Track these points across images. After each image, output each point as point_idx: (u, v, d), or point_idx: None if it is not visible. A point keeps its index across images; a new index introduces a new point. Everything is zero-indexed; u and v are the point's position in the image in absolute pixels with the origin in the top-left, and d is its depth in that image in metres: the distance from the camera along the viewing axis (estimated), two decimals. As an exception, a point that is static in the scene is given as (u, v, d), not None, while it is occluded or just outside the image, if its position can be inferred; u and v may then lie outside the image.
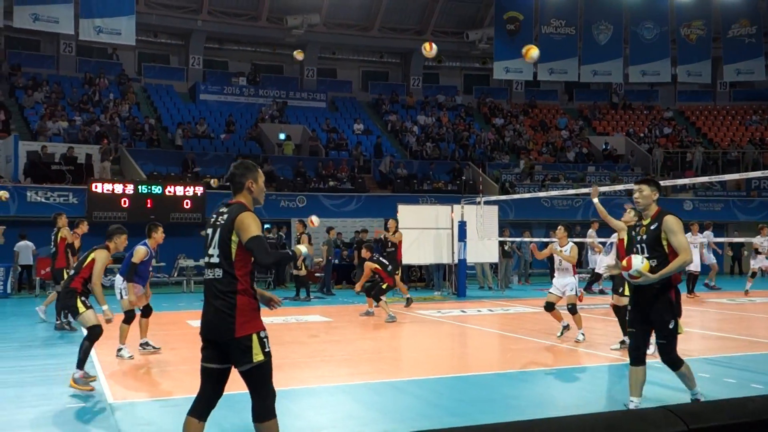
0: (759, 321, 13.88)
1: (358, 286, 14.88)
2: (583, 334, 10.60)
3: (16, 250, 18.82)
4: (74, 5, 24.90)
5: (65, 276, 12.31)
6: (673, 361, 6.16)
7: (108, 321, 7.84)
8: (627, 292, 9.47)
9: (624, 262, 6.04)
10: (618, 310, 9.75)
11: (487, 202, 19.29)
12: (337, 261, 20.42)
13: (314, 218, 14.40)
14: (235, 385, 4.80)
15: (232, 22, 30.69)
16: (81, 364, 7.62)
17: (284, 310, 15.44)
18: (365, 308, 14.46)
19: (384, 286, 14.08)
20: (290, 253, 4.81)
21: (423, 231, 18.64)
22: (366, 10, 32.06)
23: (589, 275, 19.90)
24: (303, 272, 17.60)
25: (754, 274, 18.91)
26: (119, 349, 9.59)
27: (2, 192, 13.48)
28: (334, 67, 34.14)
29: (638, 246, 6.14)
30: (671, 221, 5.97)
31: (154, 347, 10.08)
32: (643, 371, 6.14)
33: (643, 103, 35.39)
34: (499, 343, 11.16)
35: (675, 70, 31.87)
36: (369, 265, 14.33)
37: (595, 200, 10.27)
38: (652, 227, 6.05)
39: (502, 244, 20.29)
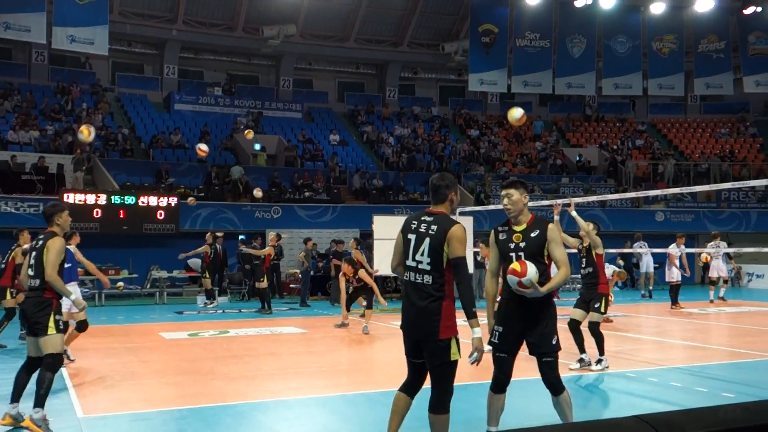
0: (729, 330, 14.04)
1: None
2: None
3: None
4: (47, 14, 24.65)
5: (8, 296, 12.09)
6: (557, 382, 5.43)
7: (82, 309, 7.59)
8: (603, 309, 9.40)
9: (517, 266, 5.20)
10: (594, 327, 9.33)
11: (462, 213, 19.34)
12: (312, 272, 20.35)
13: (202, 146, 13.95)
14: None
15: (207, 32, 30.57)
16: (42, 401, 6.40)
17: (258, 322, 15.33)
18: (349, 320, 14.25)
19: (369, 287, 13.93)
20: (473, 310, 4.86)
21: (398, 242, 18.60)
22: (342, 22, 32.13)
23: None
24: (264, 284, 17.42)
25: (714, 282, 19.25)
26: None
27: None
28: (310, 78, 34.13)
29: (513, 254, 5.39)
30: (555, 231, 5.44)
31: (69, 358, 9.80)
32: (503, 398, 5.54)
33: (615, 115, 35.80)
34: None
35: (646, 84, 32.29)
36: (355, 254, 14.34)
37: (573, 213, 10.05)
38: (532, 234, 5.39)
39: (475, 254, 20.33)
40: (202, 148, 13.82)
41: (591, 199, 18.46)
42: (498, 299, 5.64)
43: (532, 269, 5.18)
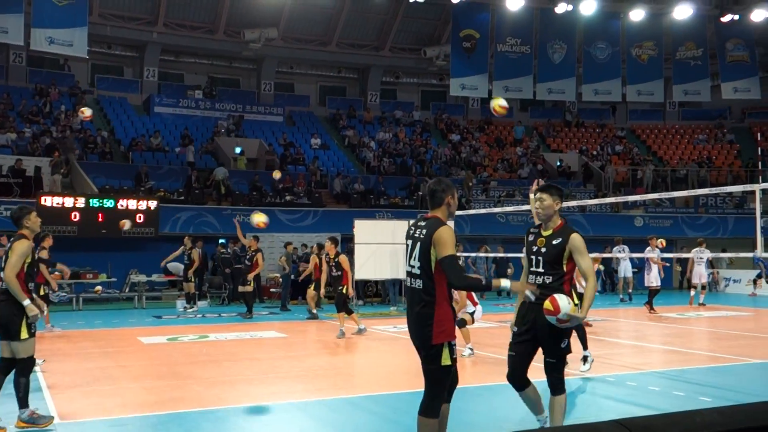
0: (706, 335, 14.17)
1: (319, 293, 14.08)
2: (471, 349, 10.83)
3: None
4: (25, 15, 24.41)
5: None
6: (559, 383, 5.55)
7: (32, 320, 6.59)
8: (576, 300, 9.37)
9: (549, 305, 5.24)
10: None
11: (443, 218, 19.35)
12: (293, 276, 20.30)
13: (86, 110, 13.40)
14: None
15: (188, 35, 30.43)
16: (24, 402, 6.56)
17: (238, 326, 15.26)
18: (338, 327, 13.86)
19: (343, 290, 13.53)
20: (484, 282, 5.01)
21: (379, 246, 18.64)
22: (324, 26, 32.12)
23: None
24: (249, 288, 17.32)
25: (695, 287, 19.48)
26: None
27: None
28: (292, 82, 34.07)
29: (533, 257, 5.53)
30: (579, 240, 5.44)
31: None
32: (533, 388, 5.71)
33: (595, 121, 36.09)
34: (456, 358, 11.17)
35: (625, 90, 32.58)
36: (344, 258, 13.66)
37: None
38: (554, 241, 5.45)
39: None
40: (85, 111, 13.21)
41: (571, 204, 18.54)
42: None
43: (563, 302, 5.23)
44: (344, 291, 13.53)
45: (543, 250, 5.47)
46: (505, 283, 5.08)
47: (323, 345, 12.66)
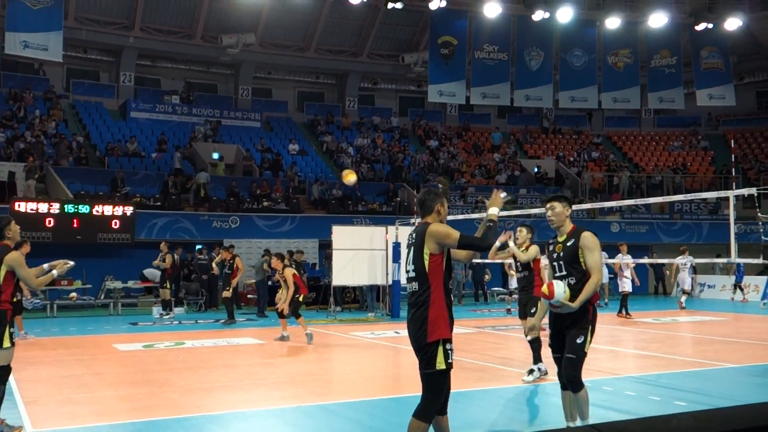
0: (682, 340, 14.30)
1: (284, 306, 13.37)
2: None
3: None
4: (-1, 19, 24.18)
5: None
6: (575, 379, 5.82)
7: (64, 265, 7.00)
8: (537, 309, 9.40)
9: (545, 290, 5.81)
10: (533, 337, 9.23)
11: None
12: (270, 283, 20.20)
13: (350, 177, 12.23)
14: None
15: (165, 40, 30.24)
16: None
17: (215, 333, 15.15)
18: (280, 332, 13.81)
19: (300, 298, 13.41)
20: (490, 223, 5.01)
21: (357, 252, 18.63)
22: (302, 31, 32.08)
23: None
24: (229, 293, 17.17)
25: (687, 292, 19.88)
26: None
27: None
28: (270, 87, 33.99)
29: (555, 264, 5.98)
30: (588, 238, 5.83)
31: None
32: (585, 392, 5.98)
33: (572, 127, 36.38)
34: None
35: (601, 97, 32.86)
36: (290, 272, 13.38)
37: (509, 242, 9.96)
38: (568, 244, 5.88)
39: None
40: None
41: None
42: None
43: (559, 289, 5.73)
44: (300, 299, 13.47)
45: (561, 254, 5.94)
46: (492, 210, 5.12)
47: (300, 351, 12.61)
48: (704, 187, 30.38)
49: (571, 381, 5.84)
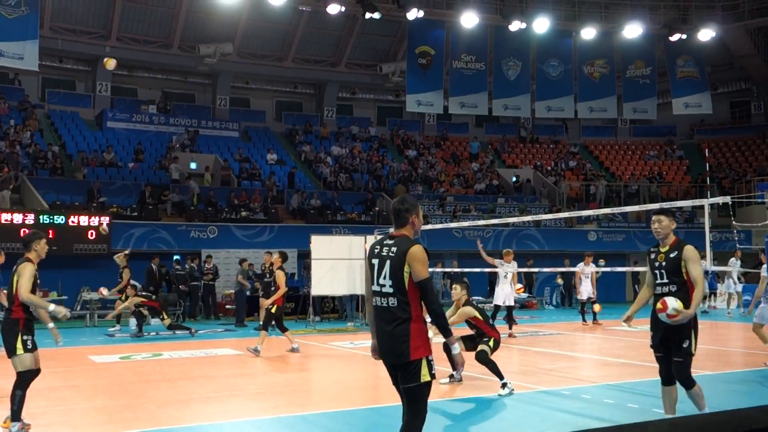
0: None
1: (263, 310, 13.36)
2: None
3: None
4: (-27, 27, 23.88)
5: None
6: (686, 380, 6.44)
7: (64, 317, 7.51)
8: (492, 344, 9.44)
9: (660, 305, 6.36)
10: (485, 356, 9.33)
11: (399, 233, 19.39)
12: (249, 293, 20.10)
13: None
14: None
15: (142, 49, 30.08)
16: (17, 415, 6.99)
17: (193, 344, 15.02)
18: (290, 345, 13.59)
19: (273, 309, 13.11)
20: (447, 329, 5.01)
21: (336, 262, 18.60)
22: (280, 41, 32.07)
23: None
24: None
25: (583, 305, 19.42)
26: None
27: None
28: (248, 97, 33.91)
29: (656, 272, 6.57)
30: (691, 251, 6.40)
31: None
32: (675, 390, 6.61)
33: (549, 137, 36.66)
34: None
35: (577, 106, 33.17)
36: (281, 274, 13.20)
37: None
38: (671, 255, 6.47)
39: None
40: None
41: (525, 219, 18.74)
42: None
43: (671, 302, 6.27)
44: (273, 310, 13.16)
45: (663, 263, 6.52)
46: (456, 349, 5.26)
47: (279, 362, 12.54)
48: (680, 195, 30.72)
49: (683, 381, 6.46)
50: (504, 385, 9.28)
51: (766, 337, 11.45)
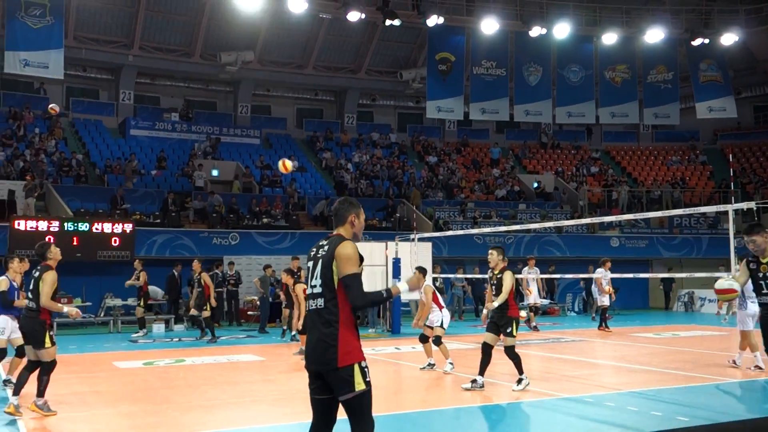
0: (682, 354, 14.25)
1: (299, 324, 13.53)
2: (451, 363, 11.21)
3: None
4: (-1, 38, 24.29)
5: None
6: None
7: (77, 314, 8.91)
8: (515, 332, 9.72)
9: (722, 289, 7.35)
10: (512, 351, 9.66)
11: (421, 239, 19.42)
12: (271, 299, 20.17)
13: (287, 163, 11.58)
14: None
15: (164, 58, 30.38)
16: (42, 392, 8.30)
17: (216, 350, 15.11)
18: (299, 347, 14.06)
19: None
20: (384, 294, 4.79)
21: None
22: (301, 49, 32.24)
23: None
24: (207, 313, 16.95)
25: (604, 311, 19.24)
26: (6, 381, 9.98)
27: None
28: (269, 104, 34.09)
29: (762, 282, 7.35)
30: None
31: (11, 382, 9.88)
32: None
33: (571, 142, 36.47)
34: (434, 380, 11.13)
35: (599, 112, 32.97)
36: (300, 287, 13.47)
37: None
38: None
39: (434, 280, 20.38)
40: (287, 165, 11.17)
41: (547, 225, 18.65)
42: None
43: (723, 282, 7.44)
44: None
45: (767, 274, 7.33)
46: (402, 286, 4.96)
47: (302, 368, 12.54)
48: (703, 201, 30.43)
49: None
50: (519, 381, 9.48)
51: (753, 342, 11.39)
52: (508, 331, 9.60)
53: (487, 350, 9.73)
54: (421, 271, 11.45)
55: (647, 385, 10.25)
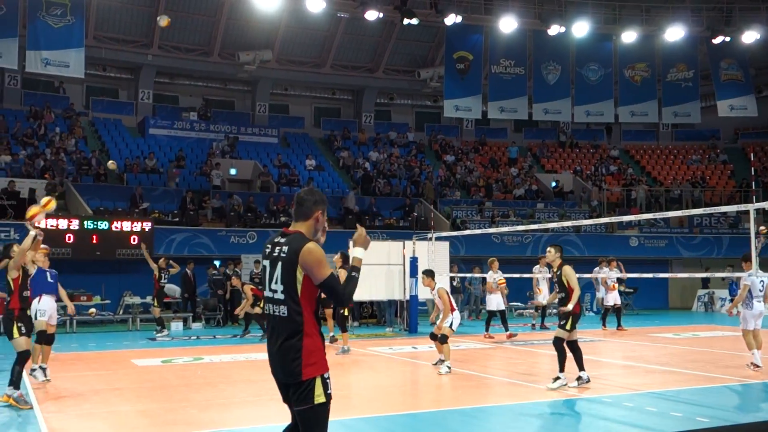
0: (701, 355, 14.13)
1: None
2: (448, 367, 11.22)
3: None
4: (19, 38, 24.48)
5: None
6: None
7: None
8: (569, 327, 9.73)
9: None
10: (559, 343, 9.83)
11: (438, 238, 19.40)
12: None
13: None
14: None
15: (183, 57, 30.55)
16: (16, 384, 8.61)
17: (234, 348, 15.18)
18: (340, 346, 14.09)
19: (346, 312, 14.52)
20: (355, 275, 4.44)
21: (374, 267, 18.59)
22: (318, 48, 32.30)
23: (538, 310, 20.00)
24: (258, 310, 17.00)
25: (607, 311, 19.13)
26: (33, 370, 10.11)
27: None
28: (287, 103, 34.18)
29: None
30: None
31: (45, 378, 10.23)
32: None
33: (589, 141, 36.25)
34: (451, 379, 11.12)
35: (617, 111, 32.74)
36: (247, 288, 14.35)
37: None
38: None
39: (452, 279, 20.34)
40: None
41: (566, 224, 18.57)
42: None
43: None
44: (345, 312, 14.56)
45: None
46: (357, 252, 4.62)
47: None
48: (724, 200, 30.13)
49: None
50: (556, 379, 9.65)
51: (751, 342, 11.33)
52: (562, 323, 9.88)
53: (570, 346, 9.88)
54: (429, 274, 11.81)
55: (666, 385, 10.18)
